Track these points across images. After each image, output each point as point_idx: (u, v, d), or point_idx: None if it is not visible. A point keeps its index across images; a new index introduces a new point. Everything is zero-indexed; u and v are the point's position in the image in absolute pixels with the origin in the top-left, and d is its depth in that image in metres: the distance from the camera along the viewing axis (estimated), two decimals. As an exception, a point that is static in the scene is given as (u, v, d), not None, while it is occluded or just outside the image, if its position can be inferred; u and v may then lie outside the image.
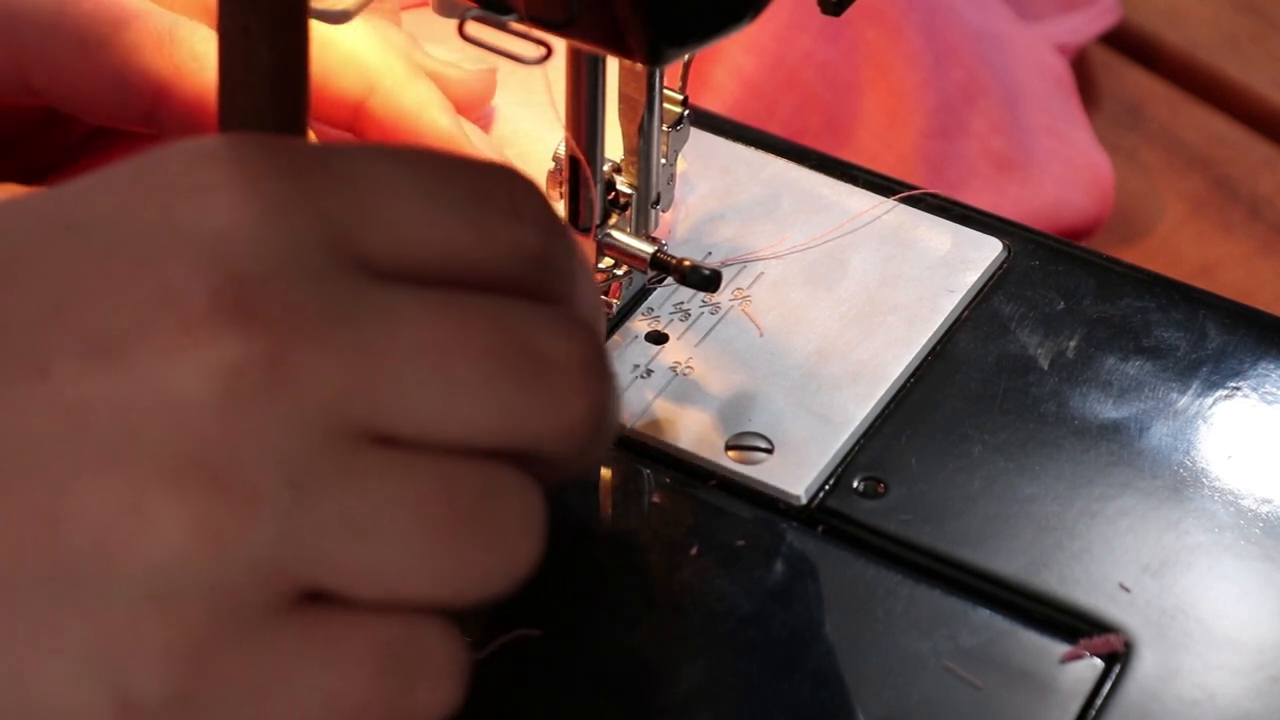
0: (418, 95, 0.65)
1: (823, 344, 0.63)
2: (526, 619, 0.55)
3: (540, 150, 0.67)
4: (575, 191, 0.61)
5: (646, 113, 0.60)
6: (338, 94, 0.64)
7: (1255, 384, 0.62)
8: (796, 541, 0.57)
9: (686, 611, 0.55)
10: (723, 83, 0.82)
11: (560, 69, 0.58)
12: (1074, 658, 0.54)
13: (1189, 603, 0.56)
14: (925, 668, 0.54)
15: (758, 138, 0.70)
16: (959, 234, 0.66)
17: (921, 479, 0.59)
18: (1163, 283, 0.65)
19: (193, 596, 0.41)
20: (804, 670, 0.54)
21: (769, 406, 0.60)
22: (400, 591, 0.43)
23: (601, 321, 0.52)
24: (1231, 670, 0.54)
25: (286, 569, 0.42)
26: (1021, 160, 0.85)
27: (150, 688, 0.41)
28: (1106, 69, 0.94)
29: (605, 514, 0.59)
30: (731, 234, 0.66)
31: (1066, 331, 0.63)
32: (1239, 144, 0.91)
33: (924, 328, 0.63)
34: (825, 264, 0.65)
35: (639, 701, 0.54)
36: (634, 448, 0.60)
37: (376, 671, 0.43)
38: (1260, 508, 0.58)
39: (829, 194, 0.68)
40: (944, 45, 0.85)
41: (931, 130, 0.84)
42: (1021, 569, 0.56)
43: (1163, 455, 0.60)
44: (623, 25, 0.51)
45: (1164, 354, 0.62)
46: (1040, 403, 0.61)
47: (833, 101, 0.84)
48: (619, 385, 0.47)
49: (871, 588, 0.56)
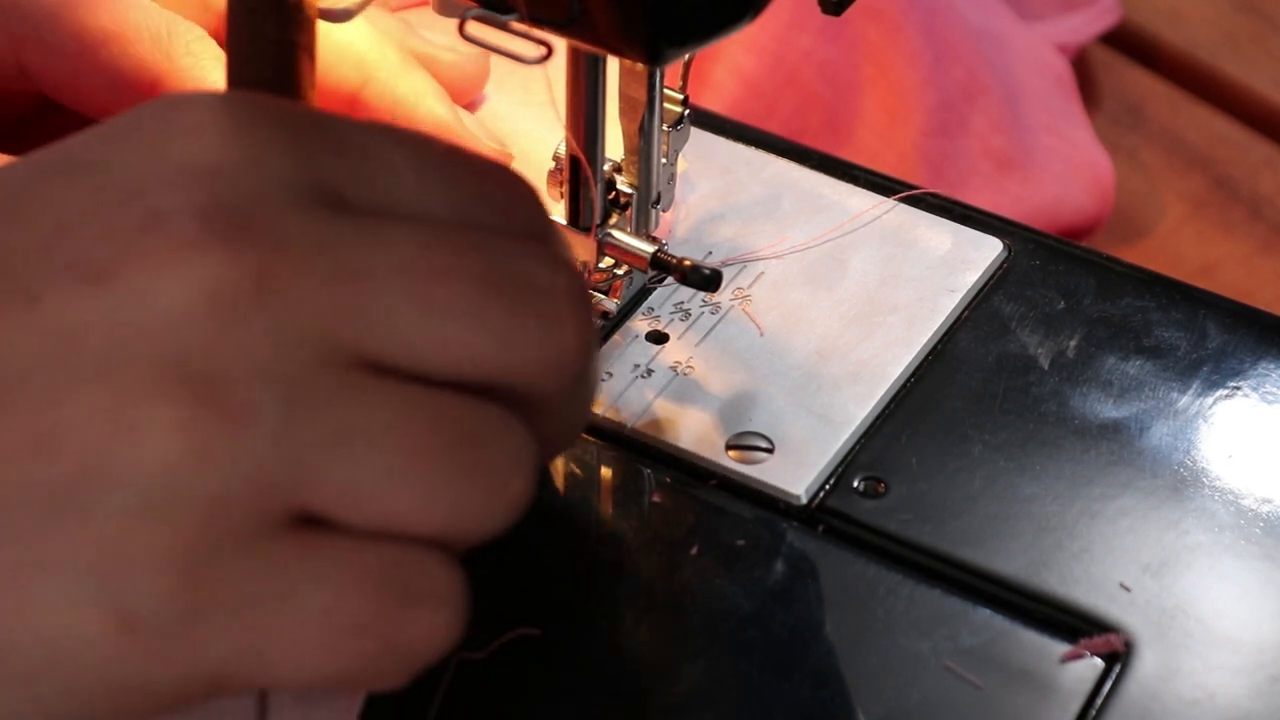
0: (413, 85, 0.65)
1: (823, 344, 0.63)
2: (526, 619, 0.55)
3: (540, 150, 0.67)
4: (575, 191, 0.61)
5: (647, 112, 0.60)
6: (334, 85, 0.64)
7: (1255, 384, 0.62)
8: (797, 541, 0.57)
9: (686, 611, 0.55)
10: (723, 82, 0.82)
11: (560, 69, 0.58)
12: (1074, 657, 0.54)
13: (1189, 602, 0.56)
14: (925, 668, 0.54)
15: (758, 137, 0.70)
16: (959, 234, 0.66)
17: (921, 479, 0.59)
18: (1163, 282, 0.65)
19: (187, 508, 0.42)
20: (804, 670, 0.54)
21: (769, 406, 0.60)
22: (392, 518, 0.43)
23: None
24: (1231, 670, 0.54)
25: (278, 484, 0.42)
26: (1022, 159, 0.85)
27: (149, 600, 0.42)
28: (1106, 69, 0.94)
29: (605, 514, 0.59)
30: (732, 234, 0.66)
31: (1067, 331, 0.63)
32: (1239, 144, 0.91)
33: (924, 327, 0.63)
34: (825, 264, 0.65)
35: (639, 701, 0.54)
36: (634, 447, 0.60)
37: (373, 592, 0.43)
38: (1260, 508, 0.58)
39: (829, 194, 0.68)
40: (944, 44, 0.85)
41: (932, 129, 0.84)
42: (1022, 569, 0.56)
43: (1163, 455, 0.60)
44: (623, 25, 0.51)
45: (1164, 354, 0.63)
46: (1040, 402, 0.61)
47: (833, 100, 0.84)
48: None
49: (871, 588, 0.56)
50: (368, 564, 0.43)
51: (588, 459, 0.60)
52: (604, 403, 0.61)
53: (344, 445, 0.43)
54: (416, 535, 0.44)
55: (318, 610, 0.43)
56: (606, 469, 0.60)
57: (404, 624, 0.44)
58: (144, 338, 0.42)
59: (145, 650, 0.42)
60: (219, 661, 0.43)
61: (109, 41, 0.61)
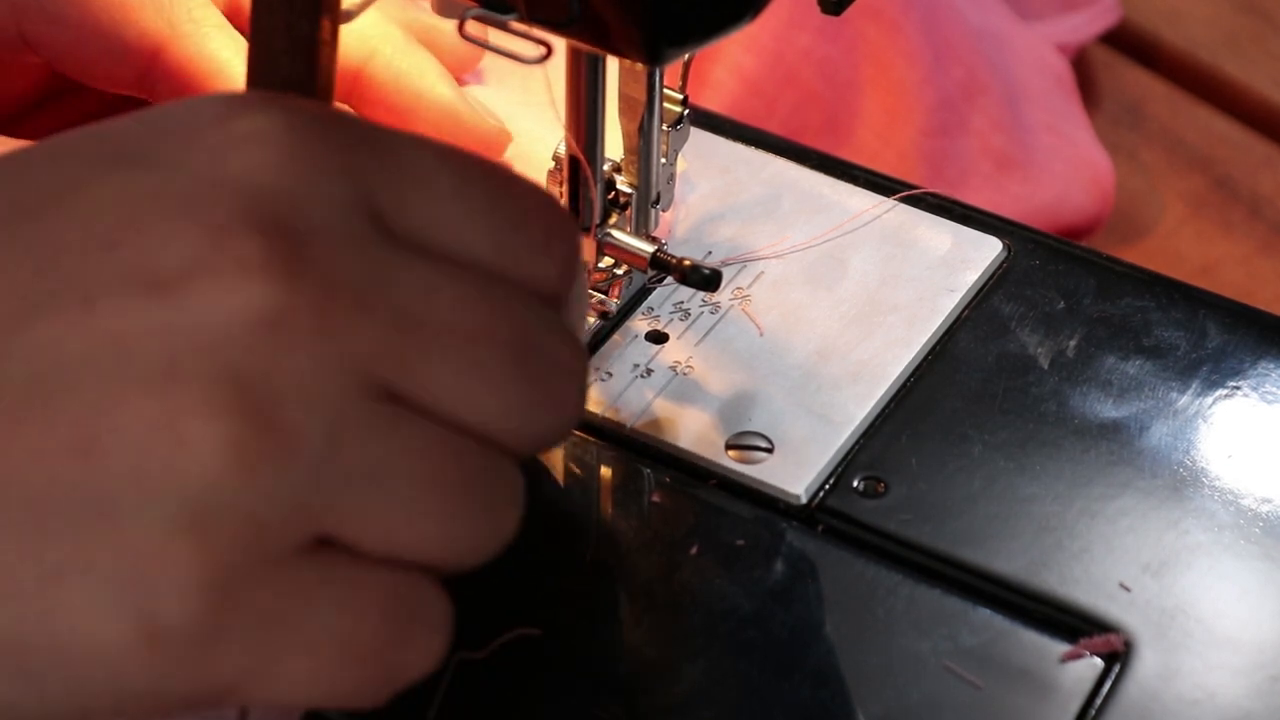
0: (417, 62, 0.65)
1: (823, 344, 0.63)
2: (526, 619, 0.55)
3: (540, 150, 0.67)
4: (575, 191, 0.61)
5: (646, 112, 0.60)
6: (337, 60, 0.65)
7: (1255, 384, 0.62)
8: (796, 541, 0.57)
9: (686, 611, 0.55)
10: (722, 81, 0.82)
11: (560, 69, 0.58)
12: (1074, 657, 0.54)
13: (1189, 602, 0.56)
14: (925, 668, 0.54)
15: (758, 137, 0.70)
16: (959, 233, 0.66)
17: (921, 479, 0.59)
18: (1163, 282, 0.65)
19: (226, 525, 0.42)
20: (804, 670, 0.54)
21: (769, 406, 0.60)
22: (406, 547, 0.45)
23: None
24: (1231, 670, 0.54)
25: (312, 510, 0.43)
26: (1022, 158, 0.85)
27: (177, 615, 0.42)
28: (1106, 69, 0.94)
29: (605, 514, 0.59)
30: (731, 233, 0.66)
31: (1066, 331, 0.63)
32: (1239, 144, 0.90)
33: (924, 327, 0.63)
34: (825, 264, 0.65)
35: (639, 701, 0.54)
36: (634, 447, 0.60)
37: (383, 618, 0.44)
38: (1260, 507, 0.58)
39: (829, 193, 0.68)
40: (944, 43, 0.85)
41: (931, 128, 0.84)
42: (1021, 569, 0.56)
43: (1163, 455, 0.59)
44: (623, 25, 0.51)
45: (1164, 353, 0.62)
46: (1040, 402, 0.61)
47: (832, 99, 0.84)
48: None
49: (871, 588, 0.56)
50: (380, 590, 0.44)
51: (588, 459, 0.60)
52: (604, 402, 0.61)
53: (376, 475, 0.44)
54: (421, 562, 0.45)
55: (333, 632, 0.44)
56: (606, 469, 0.60)
57: (405, 647, 0.45)
58: (199, 353, 0.42)
59: (164, 663, 0.42)
60: (230, 677, 0.43)
61: (110, 9, 0.62)
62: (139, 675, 0.42)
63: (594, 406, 0.60)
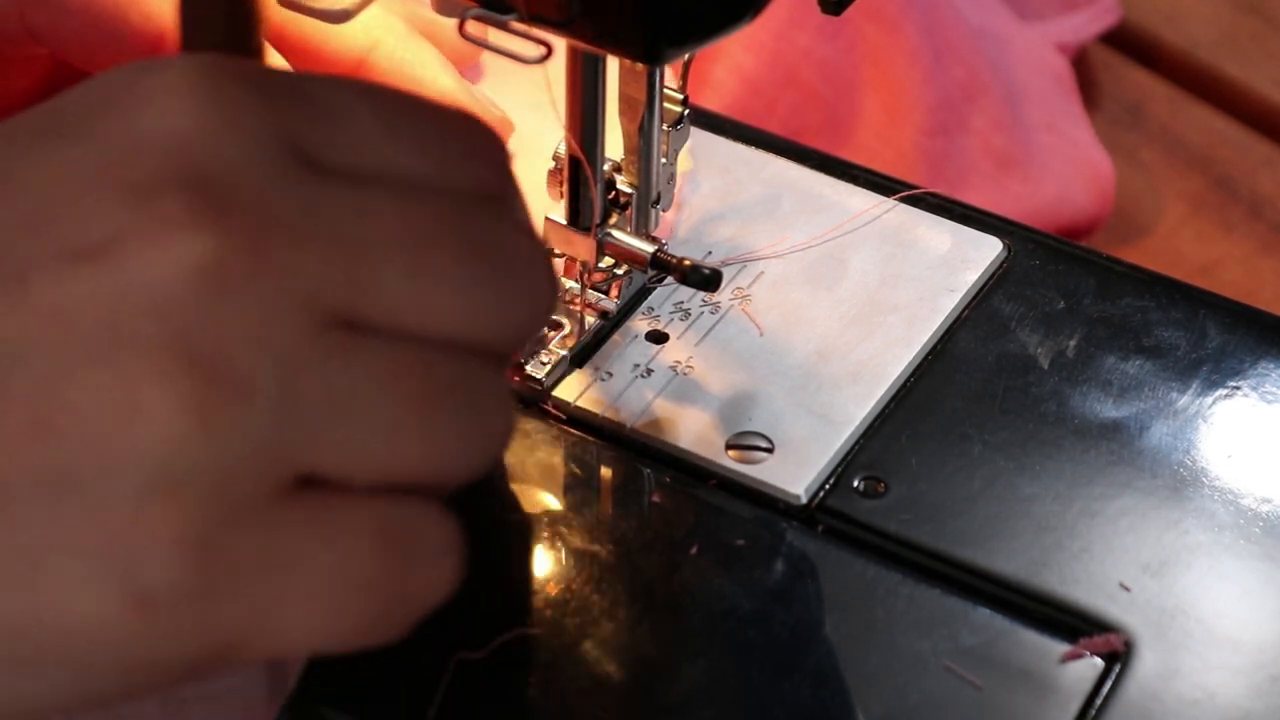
0: (419, 52, 0.65)
1: (823, 344, 0.63)
2: (526, 619, 0.55)
3: (540, 150, 0.67)
4: (575, 191, 0.61)
5: (647, 112, 0.60)
6: (339, 50, 0.65)
7: (1255, 384, 0.62)
8: (796, 541, 0.57)
9: (686, 611, 0.55)
10: (722, 80, 0.82)
11: (560, 68, 0.58)
12: (1074, 657, 0.54)
13: (1189, 602, 0.56)
14: (925, 668, 0.54)
15: (758, 137, 0.70)
16: (959, 233, 0.66)
17: (921, 479, 0.59)
18: (1163, 282, 0.65)
19: (196, 484, 0.42)
20: (804, 670, 0.54)
21: (769, 406, 0.60)
22: (392, 471, 0.44)
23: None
24: (1231, 670, 0.54)
25: (282, 452, 0.43)
26: (1022, 158, 0.85)
27: (164, 578, 0.42)
28: (1106, 69, 0.94)
29: (605, 514, 0.59)
30: (732, 233, 0.66)
31: (1066, 331, 0.63)
32: (1239, 144, 0.90)
33: (924, 327, 0.63)
34: (825, 264, 0.65)
35: (639, 701, 0.54)
36: (634, 447, 0.60)
37: (378, 549, 0.44)
38: (1260, 507, 0.58)
39: (829, 193, 0.68)
40: (944, 43, 0.85)
41: (931, 128, 0.84)
42: (1021, 569, 0.56)
43: (1163, 455, 0.59)
44: (622, 25, 0.51)
45: (1164, 353, 0.62)
46: (1040, 402, 0.61)
47: (832, 99, 0.84)
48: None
49: (871, 588, 0.56)
50: (371, 520, 0.44)
51: (588, 459, 0.60)
52: (604, 403, 0.61)
53: (342, 405, 0.43)
54: (415, 484, 0.45)
55: (327, 571, 0.43)
56: (606, 469, 0.59)
57: (409, 576, 0.44)
58: (139, 318, 0.42)
59: (161, 628, 0.42)
60: (232, 633, 0.43)
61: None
62: (137, 644, 0.42)
63: (594, 406, 0.60)
